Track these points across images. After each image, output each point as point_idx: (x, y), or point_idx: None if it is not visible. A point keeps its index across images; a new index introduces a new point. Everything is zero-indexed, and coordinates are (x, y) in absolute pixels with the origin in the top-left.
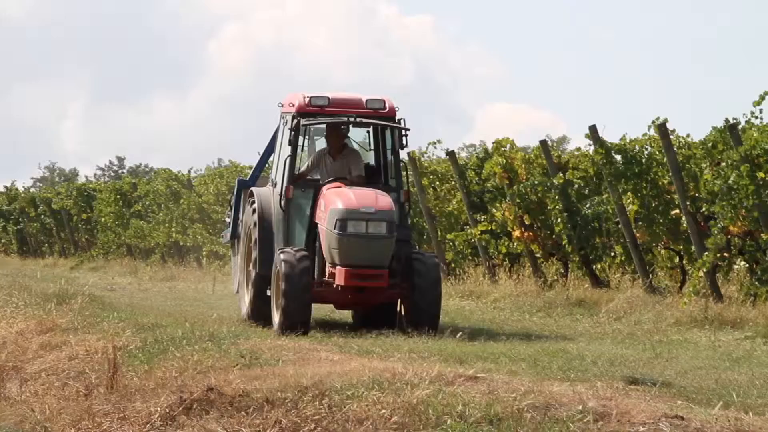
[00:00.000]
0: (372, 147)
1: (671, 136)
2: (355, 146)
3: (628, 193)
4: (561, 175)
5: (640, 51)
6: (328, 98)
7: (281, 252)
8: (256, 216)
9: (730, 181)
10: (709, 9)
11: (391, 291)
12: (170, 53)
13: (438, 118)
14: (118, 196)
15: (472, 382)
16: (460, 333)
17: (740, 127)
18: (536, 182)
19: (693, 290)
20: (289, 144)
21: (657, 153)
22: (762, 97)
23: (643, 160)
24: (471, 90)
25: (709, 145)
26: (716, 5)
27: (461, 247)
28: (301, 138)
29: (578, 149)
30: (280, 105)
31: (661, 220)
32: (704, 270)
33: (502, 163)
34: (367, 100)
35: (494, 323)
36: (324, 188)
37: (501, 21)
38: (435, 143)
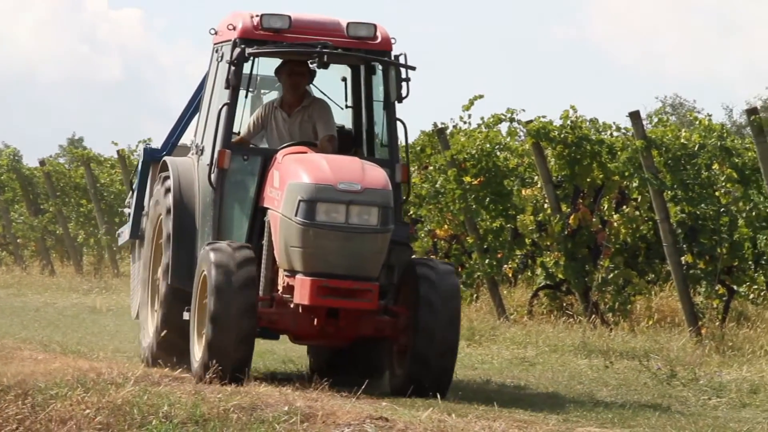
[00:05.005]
0: (350, 102)
1: None
2: (320, 96)
3: None
4: None
5: None
6: (289, 18)
7: (211, 249)
8: (170, 198)
9: (437, 185)
10: (421, 12)
11: (382, 318)
12: None
13: (147, 116)
14: None
15: (178, 382)
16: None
17: (448, 131)
18: None
19: None
20: (227, 87)
21: None
22: (471, 102)
23: None
24: (180, 88)
25: (418, 149)
26: (429, 8)
27: None
28: (246, 79)
29: None
30: (212, 32)
31: None
32: None
33: None
34: (349, 24)
35: None
36: (279, 154)
37: (207, 18)
38: (146, 141)
